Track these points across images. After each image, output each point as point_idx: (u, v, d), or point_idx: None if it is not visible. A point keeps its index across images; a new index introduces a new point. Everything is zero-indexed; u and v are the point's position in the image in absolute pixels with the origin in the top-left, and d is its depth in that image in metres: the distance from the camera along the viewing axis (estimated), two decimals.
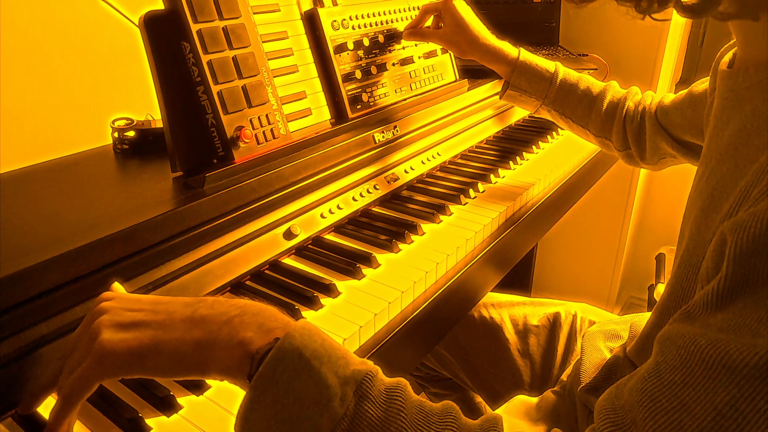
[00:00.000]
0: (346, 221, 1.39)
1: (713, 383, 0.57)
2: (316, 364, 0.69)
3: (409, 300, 1.16)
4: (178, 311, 0.77)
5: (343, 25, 1.51)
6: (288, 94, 1.32)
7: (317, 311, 1.08)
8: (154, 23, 1.14)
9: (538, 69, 1.60)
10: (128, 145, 1.38)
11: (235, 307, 0.76)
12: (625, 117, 1.55)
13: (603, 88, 1.59)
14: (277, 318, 0.76)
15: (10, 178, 1.24)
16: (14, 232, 0.98)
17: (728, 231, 0.62)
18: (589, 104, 1.59)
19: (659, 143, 1.49)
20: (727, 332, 0.58)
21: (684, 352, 0.61)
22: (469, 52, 1.63)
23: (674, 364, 0.62)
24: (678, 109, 1.41)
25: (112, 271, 0.96)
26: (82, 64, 1.53)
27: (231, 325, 0.74)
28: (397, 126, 1.58)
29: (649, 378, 0.64)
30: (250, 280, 1.18)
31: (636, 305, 3.32)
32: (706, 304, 0.63)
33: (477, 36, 1.62)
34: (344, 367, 0.70)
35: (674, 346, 0.63)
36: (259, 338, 0.72)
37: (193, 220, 1.09)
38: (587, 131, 1.63)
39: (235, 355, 0.72)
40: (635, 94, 1.57)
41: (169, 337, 0.74)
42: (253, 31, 1.26)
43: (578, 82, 1.60)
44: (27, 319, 0.86)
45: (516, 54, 1.61)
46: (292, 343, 0.70)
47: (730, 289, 0.61)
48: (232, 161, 1.20)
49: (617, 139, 1.58)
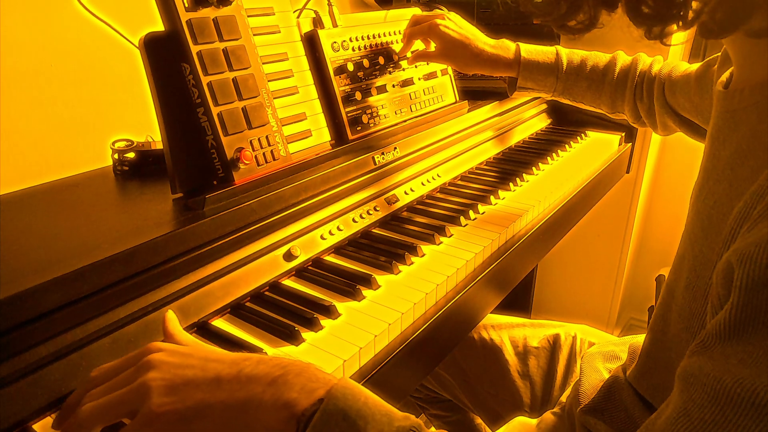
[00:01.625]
0: (346, 243, 1.39)
1: (744, 420, 0.57)
2: (362, 423, 0.69)
3: (409, 321, 1.16)
4: (225, 370, 0.77)
5: (343, 47, 1.52)
6: (288, 116, 1.33)
7: (317, 333, 1.08)
8: (154, 45, 1.14)
9: (541, 65, 1.62)
10: (128, 166, 1.38)
11: (278, 367, 0.77)
12: (635, 95, 1.57)
13: (608, 65, 1.61)
14: (319, 378, 0.76)
15: (10, 200, 1.24)
16: (14, 253, 0.98)
17: (735, 261, 0.62)
18: (598, 87, 1.61)
19: (668, 122, 1.51)
20: (750, 367, 0.58)
21: (711, 391, 0.61)
22: (469, 66, 1.66)
23: (702, 404, 0.62)
24: (685, 93, 1.41)
25: (112, 292, 0.96)
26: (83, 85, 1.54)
27: (275, 386, 0.74)
28: (397, 147, 1.58)
29: (679, 419, 0.64)
30: (250, 301, 1.17)
31: (636, 326, 3.31)
32: (719, 334, 0.63)
33: (472, 49, 1.64)
34: (389, 424, 0.71)
35: (699, 385, 0.63)
36: (303, 399, 0.73)
37: (194, 241, 1.09)
38: (601, 110, 1.67)
39: (281, 417, 0.72)
40: (642, 64, 1.58)
41: (216, 399, 0.75)
42: (253, 53, 1.26)
43: (584, 64, 1.62)
44: (27, 341, 0.86)
45: (514, 54, 1.62)
46: (337, 405, 0.71)
47: (742, 320, 0.61)
48: (232, 183, 1.20)
49: (630, 115, 1.62)
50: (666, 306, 0.98)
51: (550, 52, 1.64)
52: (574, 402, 1.22)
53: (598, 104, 1.65)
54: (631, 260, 3.05)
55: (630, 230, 2.89)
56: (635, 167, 2.05)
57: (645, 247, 3.16)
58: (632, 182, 2.77)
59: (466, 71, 1.69)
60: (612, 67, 1.60)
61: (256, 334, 1.08)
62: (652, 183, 2.97)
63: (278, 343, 1.05)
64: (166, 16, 1.16)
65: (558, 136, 2.20)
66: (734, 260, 0.62)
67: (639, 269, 3.18)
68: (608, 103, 1.63)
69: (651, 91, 1.54)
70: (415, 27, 1.67)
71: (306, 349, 1.04)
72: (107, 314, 0.95)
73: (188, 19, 1.16)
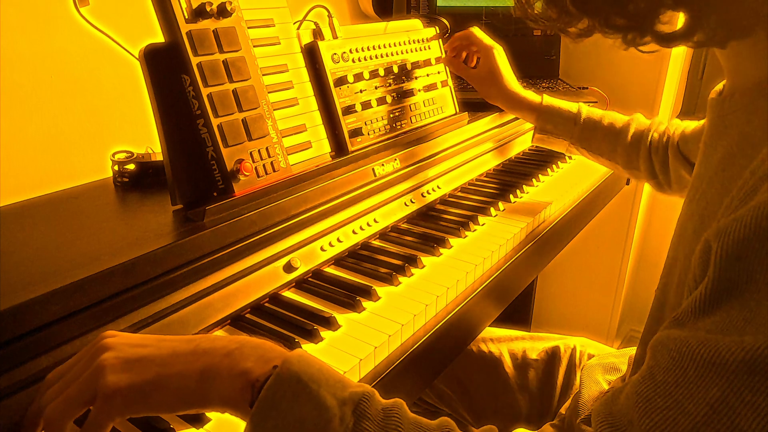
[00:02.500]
0: (346, 254, 1.39)
1: (704, 381, 0.59)
2: (314, 387, 0.71)
3: (409, 333, 1.16)
4: (180, 347, 0.78)
5: (343, 58, 1.52)
6: (288, 127, 1.33)
7: (317, 344, 1.08)
8: (154, 56, 1.14)
9: (561, 111, 1.68)
10: (128, 178, 1.38)
11: (234, 342, 0.78)
12: (650, 148, 1.58)
13: (627, 122, 1.64)
14: (275, 349, 0.78)
15: (10, 211, 1.24)
16: (14, 265, 0.98)
17: (712, 237, 0.64)
18: (614, 139, 1.63)
19: (681, 172, 1.51)
20: (716, 333, 0.60)
21: (676, 354, 0.63)
22: (496, 98, 1.76)
23: (667, 366, 0.64)
24: (696, 138, 1.42)
25: (112, 303, 0.95)
26: (83, 96, 1.54)
27: (231, 357, 0.76)
28: (397, 159, 1.58)
29: (643, 381, 0.66)
30: (250, 313, 1.17)
31: (636, 338, 3.29)
32: (694, 310, 0.65)
33: (506, 86, 1.73)
34: (342, 389, 0.73)
35: (666, 350, 0.65)
36: (258, 367, 0.75)
37: (193, 253, 1.09)
38: (616, 164, 1.68)
39: (236, 385, 0.74)
40: (660, 124, 1.60)
41: (172, 371, 0.75)
42: (253, 64, 1.26)
43: (602, 119, 1.65)
44: (27, 352, 0.86)
45: (539, 100, 1.67)
46: (290, 369, 0.73)
47: (717, 293, 0.63)
48: (232, 194, 1.20)
49: (645, 169, 1.62)
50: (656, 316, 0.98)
51: (573, 104, 1.70)
52: (574, 414, 1.22)
53: (613, 157, 1.66)
54: (631, 272, 3.05)
55: (630, 242, 2.89)
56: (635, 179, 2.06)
57: (645, 259, 3.16)
58: (632, 194, 2.77)
59: (489, 99, 1.78)
60: (629, 124, 1.64)
61: None
62: (652, 195, 2.97)
63: None
64: (166, 28, 1.16)
65: None
66: (712, 237, 0.64)
67: (639, 281, 3.18)
68: (624, 157, 1.64)
69: (666, 145, 1.56)
70: (476, 36, 1.76)
71: None
72: (107, 326, 0.95)
73: (188, 30, 1.16)
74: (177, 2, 1.15)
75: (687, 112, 2.85)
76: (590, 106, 1.71)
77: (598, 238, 2.88)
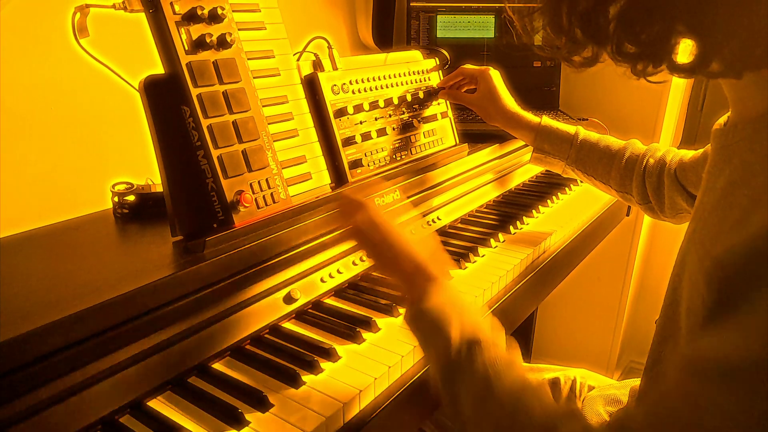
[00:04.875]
0: (346, 285, 1.38)
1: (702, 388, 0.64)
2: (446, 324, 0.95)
3: (409, 364, 1.15)
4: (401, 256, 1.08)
5: (343, 90, 1.52)
6: (288, 158, 1.33)
7: (317, 375, 1.07)
8: (154, 87, 1.15)
9: (559, 132, 1.69)
10: (128, 209, 1.38)
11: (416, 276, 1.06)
12: (644, 172, 1.59)
13: (622, 146, 1.65)
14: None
15: (11, 242, 1.23)
16: (14, 296, 0.98)
17: (713, 262, 0.68)
18: (609, 161, 1.64)
19: (676, 199, 1.51)
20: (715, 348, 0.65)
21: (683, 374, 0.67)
22: (495, 118, 1.77)
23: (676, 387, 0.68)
24: (695, 168, 1.43)
25: (112, 335, 0.95)
26: (82, 127, 1.54)
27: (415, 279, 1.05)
28: (397, 190, 1.58)
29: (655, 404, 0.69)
30: (250, 344, 1.17)
31: (636, 370, 3.29)
32: (691, 332, 0.71)
33: (504, 104, 1.75)
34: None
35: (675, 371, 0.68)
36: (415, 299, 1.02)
37: (193, 284, 1.09)
38: (609, 187, 1.69)
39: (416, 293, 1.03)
40: (656, 150, 1.61)
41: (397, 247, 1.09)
42: (253, 96, 1.27)
43: (598, 142, 1.67)
44: (27, 384, 0.85)
45: (538, 120, 1.68)
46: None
47: (712, 313, 0.67)
48: (232, 225, 1.20)
49: (637, 193, 1.62)
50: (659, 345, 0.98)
51: (571, 127, 1.72)
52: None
53: (607, 179, 1.67)
54: (631, 303, 3.04)
55: (630, 273, 2.89)
56: (635, 210, 2.06)
57: (645, 290, 3.15)
58: (632, 225, 2.77)
59: (489, 121, 1.80)
60: (625, 148, 1.65)
61: (257, 377, 1.08)
62: (652, 226, 2.97)
63: (279, 386, 1.04)
64: (166, 59, 1.17)
65: (558, 179, 2.20)
66: (713, 263, 0.69)
67: (639, 312, 3.17)
68: (617, 180, 1.65)
69: (662, 170, 1.57)
70: (467, 69, 1.81)
71: (306, 391, 1.04)
72: (107, 357, 0.95)
73: (188, 61, 1.17)
74: (177, 33, 1.16)
75: (687, 144, 2.86)
76: None
77: (598, 269, 2.88)
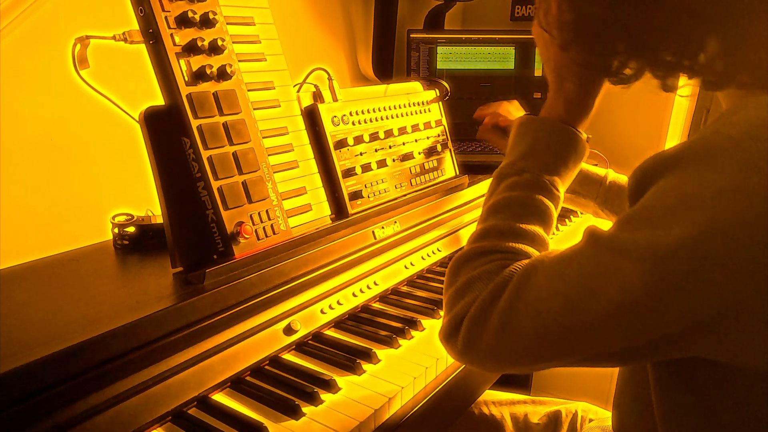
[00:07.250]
0: (346, 317, 1.38)
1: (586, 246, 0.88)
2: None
3: (409, 395, 1.15)
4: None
5: (343, 121, 1.53)
6: (288, 190, 1.33)
7: (317, 407, 1.07)
8: (154, 119, 1.15)
9: (589, 173, 1.69)
10: (128, 240, 1.39)
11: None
12: None
13: None
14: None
15: (10, 274, 1.24)
16: (14, 328, 0.98)
17: None
18: None
19: None
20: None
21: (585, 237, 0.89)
22: None
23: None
24: None
25: (112, 366, 0.95)
26: (83, 159, 1.54)
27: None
28: (397, 221, 1.58)
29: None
30: (250, 375, 1.17)
31: None
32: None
33: None
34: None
35: None
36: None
37: (193, 315, 1.09)
38: None
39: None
40: None
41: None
42: (253, 127, 1.27)
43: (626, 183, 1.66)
44: (27, 415, 0.85)
45: None
46: None
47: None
48: (232, 257, 1.20)
49: None
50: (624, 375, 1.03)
51: (601, 169, 1.73)
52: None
53: None
54: None
55: None
56: None
57: None
58: None
59: None
60: None
61: (257, 408, 1.07)
62: None
63: (279, 417, 1.04)
64: (166, 90, 1.18)
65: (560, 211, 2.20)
66: None
67: None
68: None
69: None
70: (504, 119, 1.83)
71: (306, 423, 1.03)
72: (107, 388, 0.94)
73: (188, 93, 1.17)
74: (177, 65, 1.17)
75: None
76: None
77: None
